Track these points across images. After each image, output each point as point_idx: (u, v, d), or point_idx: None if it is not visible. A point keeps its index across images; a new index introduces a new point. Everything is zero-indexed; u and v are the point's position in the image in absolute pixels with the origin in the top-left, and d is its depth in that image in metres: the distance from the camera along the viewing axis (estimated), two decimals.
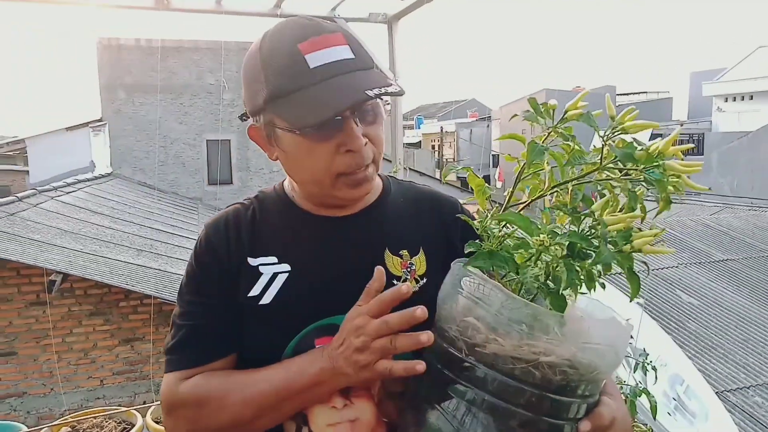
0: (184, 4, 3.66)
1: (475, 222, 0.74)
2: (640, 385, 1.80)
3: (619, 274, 0.68)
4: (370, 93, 0.77)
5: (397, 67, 3.84)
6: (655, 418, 1.70)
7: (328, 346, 0.78)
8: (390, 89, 0.79)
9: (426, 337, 0.72)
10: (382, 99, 0.83)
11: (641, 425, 1.95)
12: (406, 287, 0.74)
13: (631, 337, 1.66)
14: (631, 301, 0.67)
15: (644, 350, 1.77)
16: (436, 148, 26.87)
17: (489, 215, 0.71)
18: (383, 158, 0.90)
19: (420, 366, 0.72)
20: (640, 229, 0.70)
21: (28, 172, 11.95)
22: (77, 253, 5.45)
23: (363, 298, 0.77)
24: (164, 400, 0.85)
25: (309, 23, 0.82)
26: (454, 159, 26.00)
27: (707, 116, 21.76)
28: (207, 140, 12.17)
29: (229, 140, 12.31)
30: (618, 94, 29.95)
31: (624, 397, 1.63)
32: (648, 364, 1.71)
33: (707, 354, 4.25)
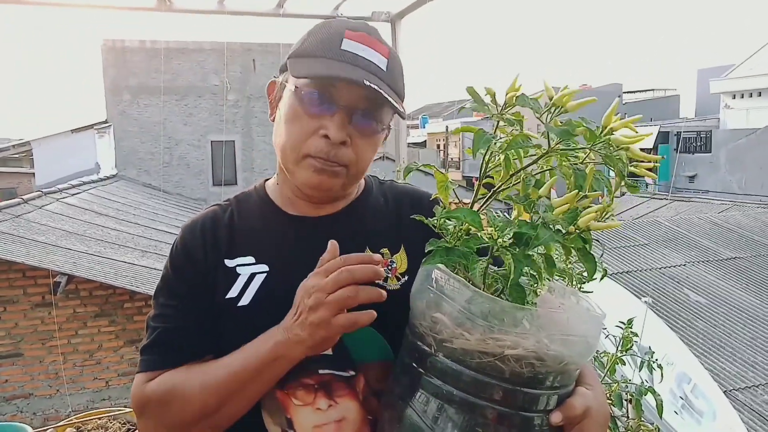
0: (186, 4, 3.66)
1: (432, 219, 0.74)
2: (646, 383, 1.78)
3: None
4: (369, 83, 0.78)
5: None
6: (661, 417, 1.68)
7: (283, 320, 0.77)
8: (392, 102, 0.80)
9: (384, 293, 0.72)
10: (383, 114, 0.84)
11: (648, 424, 1.92)
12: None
13: (636, 335, 1.64)
14: (589, 281, 0.66)
15: (650, 348, 1.75)
16: (442, 147, 26.84)
17: (440, 212, 0.71)
18: (387, 157, 0.88)
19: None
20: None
21: (33, 174, 12.04)
22: (82, 255, 5.47)
23: (316, 269, 0.76)
24: (133, 401, 0.84)
25: (373, 29, 0.87)
26: (459, 158, 25.96)
27: (715, 113, 21.59)
28: (211, 141, 12.22)
29: (234, 141, 12.35)
30: (625, 92, 29.80)
31: (629, 396, 1.61)
32: (654, 362, 1.68)
33: (715, 352, 4.21)
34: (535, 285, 0.68)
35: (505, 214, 0.71)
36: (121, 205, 8.54)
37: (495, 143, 0.69)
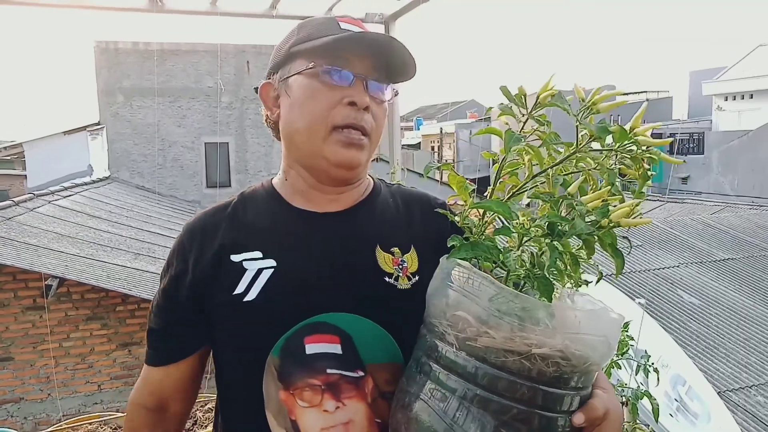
0: (178, 6, 3.64)
1: (456, 216, 0.73)
2: (641, 387, 1.77)
3: (610, 269, 0.66)
4: (382, 37, 0.84)
5: None
6: (657, 421, 1.67)
7: None
8: (405, 58, 0.85)
9: None
10: (383, 82, 0.87)
11: (644, 427, 1.92)
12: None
13: (632, 338, 1.63)
14: (616, 277, 0.65)
15: (646, 352, 1.74)
16: (436, 149, 26.86)
17: (467, 207, 0.70)
18: (381, 159, 0.89)
19: None
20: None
21: (25, 176, 11.96)
22: (74, 257, 5.43)
23: None
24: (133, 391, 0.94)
25: (352, 17, 0.91)
26: (453, 160, 26.01)
27: (707, 115, 21.74)
28: (205, 143, 12.17)
29: (228, 143, 12.31)
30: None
31: (626, 400, 1.60)
32: (650, 366, 1.68)
33: (709, 354, 4.22)
34: (560, 281, 0.67)
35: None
36: (114, 207, 8.48)
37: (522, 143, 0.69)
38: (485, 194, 0.75)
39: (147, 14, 3.64)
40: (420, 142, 28.91)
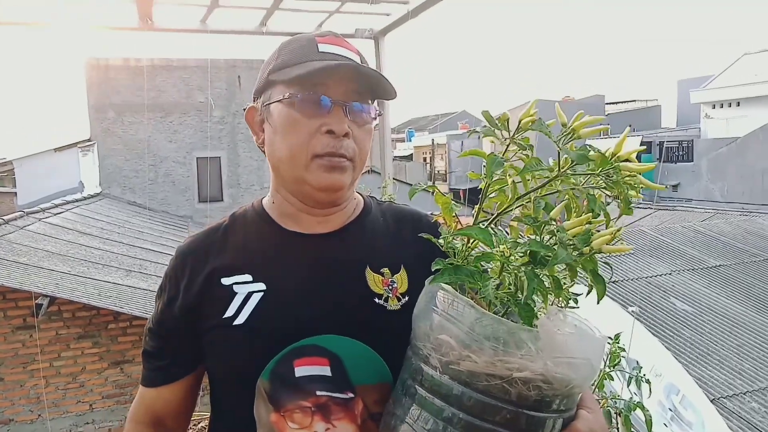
0: (169, 24, 3.65)
1: (439, 240, 0.73)
2: (635, 397, 1.77)
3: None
4: (360, 67, 0.82)
5: None
6: None
7: None
8: (384, 83, 0.85)
9: None
10: (370, 104, 0.86)
11: None
12: None
13: (623, 349, 1.64)
14: (597, 303, 0.66)
15: (638, 363, 1.75)
16: (428, 160, 26.96)
17: (450, 231, 0.70)
18: (373, 170, 0.89)
19: None
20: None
21: (15, 193, 11.87)
22: (65, 276, 5.38)
23: None
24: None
25: (333, 32, 0.91)
26: (445, 171, 26.10)
27: (696, 123, 21.97)
28: (197, 158, 12.15)
29: (219, 157, 12.30)
30: (607, 103, 30.20)
31: (618, 412, 1.60)
32: (642, 377, 1.68)
33: (703, 361, 4.23)
34: (542, 307, 0.68)
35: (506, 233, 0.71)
36: (106, 223, 8.43)
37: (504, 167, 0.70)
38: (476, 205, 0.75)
39: (140, 32, 3.65)
40: (412, 154, 29.01)
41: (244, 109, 0.93)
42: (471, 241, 0.70)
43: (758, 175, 16.21)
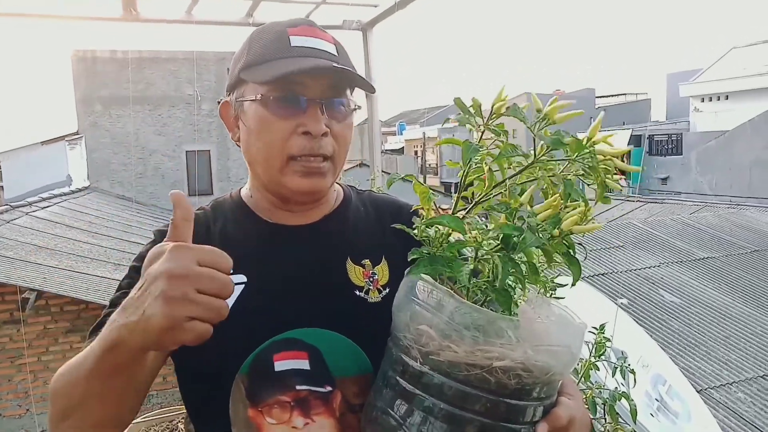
0: (154, 14, 3.61)
1: (413, 230, 0.73)
2: (621, 386, 1.79)
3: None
4: (336, 65, 0.78)
5: (372, 74, 3.83)
6: (635, 422, 1.68)
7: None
8: (361, 77, 0.81)
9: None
10: (348, 97, 0.83)
11: (625, 426, 1.93)
12: None
13: (609, 339, 1.64)
14: (572, 286, 0.65)
15: (623, 353, 1.76)
16: (419, 153, 26.97)
17: (422, 221, 0.70)
18: (363, 164, 0.87)
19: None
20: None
21: (2, 187, 11.74)
22: (52, 270, 5.33)
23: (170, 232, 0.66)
24: None
25: (306, 20, 0.86)
26: (437, 164, 26.12)
27: (685, 116, 22.11)
28: (186, 151, 12.07)
29: (209, 150, 12.22)
30: (597, 97, 30.34)
31: (603, 402, 1.61)
32: (626, 367, 1.69)
33: (690, 352, 4.27)
34: (519, 293, 0.67)
35: (486, 222, 0.71)
36: (94, 217, 8.36)
37: (480, 153, 0.69)
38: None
39: (124, 23, 3.61)
40: (403, 147, 29.01)
41: (219, 102, 0.91)
42: (445, 229, 0.69)
43: (746, 169, 16.36)
